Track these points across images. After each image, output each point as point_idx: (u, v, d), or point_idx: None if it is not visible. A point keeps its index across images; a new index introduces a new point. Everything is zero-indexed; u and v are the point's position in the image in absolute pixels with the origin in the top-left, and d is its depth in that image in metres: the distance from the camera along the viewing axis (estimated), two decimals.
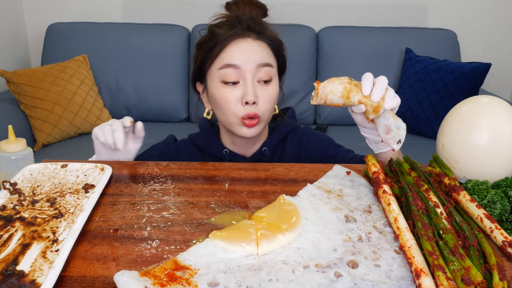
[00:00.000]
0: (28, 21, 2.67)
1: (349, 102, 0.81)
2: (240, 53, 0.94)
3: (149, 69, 2.46)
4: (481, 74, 2.25)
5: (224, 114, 0.97)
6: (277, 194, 0.73)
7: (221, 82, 0.95)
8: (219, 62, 0.95)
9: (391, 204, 0.67)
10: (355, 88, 0.80)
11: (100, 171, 0.82)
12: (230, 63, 0.94)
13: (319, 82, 0.83)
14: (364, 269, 0.57)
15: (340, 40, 2.53)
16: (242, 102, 0.94)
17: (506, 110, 0.76)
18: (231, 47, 0.95)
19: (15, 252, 0.59)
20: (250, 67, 0.94)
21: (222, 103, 0.96)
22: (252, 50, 0.95)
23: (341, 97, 0.80)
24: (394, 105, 0.80)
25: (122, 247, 0.62)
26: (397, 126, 0.81)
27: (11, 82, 2.10)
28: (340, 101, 0.81)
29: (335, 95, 0.81)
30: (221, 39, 0.95)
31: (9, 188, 0.74)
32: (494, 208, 0.69)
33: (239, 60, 0.94)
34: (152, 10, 2.67)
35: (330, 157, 1.06)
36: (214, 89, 0.97)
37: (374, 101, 0.79)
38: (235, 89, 0.94)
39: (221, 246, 0.60)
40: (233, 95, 0.94)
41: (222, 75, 0.94)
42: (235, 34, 0.96)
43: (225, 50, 0.95)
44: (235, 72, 0.94)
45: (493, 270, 0.54)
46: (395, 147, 0.83)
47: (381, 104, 0.79)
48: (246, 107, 0.94)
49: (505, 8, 2.70)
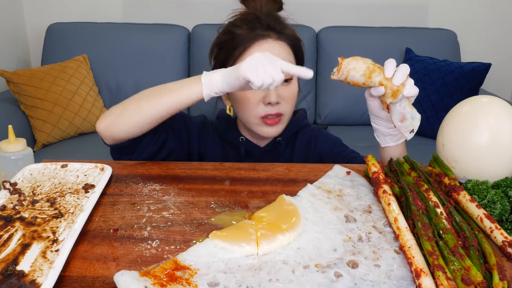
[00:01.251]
0: (28, 21, 2.67)
1: (369, 82, 0.81)
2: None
3: (149, 69, 2.46)
4: (481, 74, 2.25)
5: (244, 113, 0.98)
6: (277, 194, 0.73)
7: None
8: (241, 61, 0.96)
9: (391, 204, 0.67)
10: (378, 69, 0.81)
11: (100, 171, 0.82)
12: None
13: (343, 58, 0.83)
14: (364, 269, 0.57)
15: (340, 40, 2.53)
16: (264, 102, 0.95)
17: (506, 110, 0.76)
18: (253, 49, 0.96)
19: (15, 252, 0.59)
20: None
21: (243, 102, 0.97)
22: (273, 51, 0.94)
23: (363, 75, 0.81)
24: (413, 93, 0.81)
25: (122, 247, 0.62)
26: (412, 116, 0.81)
27: (11, 82, 2.10)
28: (361, 80, 0.81)
29: (358, 73, 0.81)
30: (242, 41, 0.96)
31: (9, 188, 0.74)
32: (494, 208, 0.69)
33: None
34: (152, 10, 2.67)
35: (334, 154, 1.08)
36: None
37: (395, 84, 0.80)
38: (257, 90, 0.93)
39: (221, 246, 0.60)
40: (255, 96, 0.95)
41: None
42: (256, 36, 0.96)
43: (246, 53, 0.96)
44: None
45: (493, 270, 0.54)
46: (408, 136, 0.83)
47: (401, 89, 0.80)
48: (267, 108, 0.95)
49: (505, 8, 2.70)
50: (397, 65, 0.81)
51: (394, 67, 0.81)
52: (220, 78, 0.81)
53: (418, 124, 0.82)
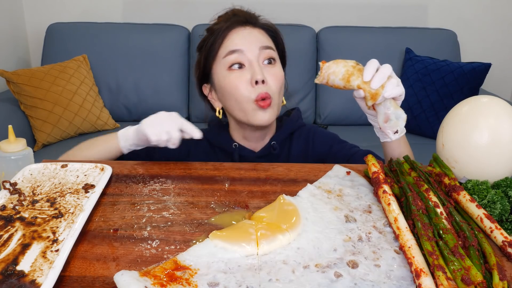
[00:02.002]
0: (28, 21, 2.67)
1: (348, 85, 0.81)
2: (241, 39, 0.97)
3: (149, 69, 2.46)
4: (481, 74, 2.25)
5: (236, 101, 0.97)
6: (277, 194, 0.73)
7: (228, 70, 0.97)
8: (222, 52, 0.98)
9: (391, 204, 0.67)
10: (357, 72, 0.81)
11: (100, 171, 0.82)
12: (234, 49, 0.96)
13: (325, 62, 0.83)
14: (364, 269, 0.57)
15: (340, 40, 2.53)
16: (252, 83, 0.95)
17: (506, 110, 0.76)
18: (232, 35, 0.98)
19: (15, 252, 0.59)
20: (253, 49, 0.97)
21: (232, 89, 0.96)
22: (252, 35, 0.99)
23: (341, 79, 0.81)
24: (394, 95, 0.80)
25: (122, 247, 0.62)
26: (396, 116, 0.81)
27: (11, 82, 2.10)
28: (340, 83, 0.81)
29: (337, 77, 0.81)
30: (221, 31, 0.99)
31: (9, 188, 0.74)
32: (494, 208, 0.69)
33: (241, 45, 0.97)
34: (152, 10, 2.67)
35: (335, 152, 1.07)
36: (222, 79, 0.98)
37: (372, 88, 0.79)
38: (243, 72, 0.96)
39: (221, 246, 0.60)
40: (242, 79, 0.95)
41: (228, 62, 0.97)
42: (234, 23, 0.99)
43: (226, 39, 0.98)
44: (240, 57, 0.96)
45: (493, 270, 0.54)
46: (392, 137, 0.83)
47: (380, 92, 0.79)
48: (256, 88, 0.95)
49: (505, 8, 2.70)
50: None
51: (373, 70, 0.80)
52: (132, 133, 0.92)
53: (403, 124, 0.81)
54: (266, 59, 0.98)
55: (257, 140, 1.06)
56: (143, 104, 2.46)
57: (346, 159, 1.04)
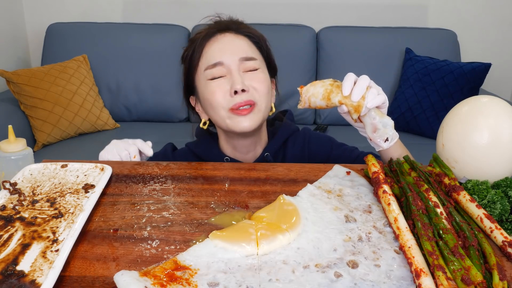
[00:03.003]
0: (28, 21, 2.67)
1: (330, 103, 0.82)
2: (221, 49, 0.94)
3: (149, 69, 2.46)
4: (481, 74, 2.25)
5: (214, 109, 0.94)
6: (277, 194, 0.73)
7: (209, 80, 0.94)
8: (203, 63, 0.95)
9: (391, 204, 0.67)
10: (336, 89, 0.82)
11: (100, 171, 0.82)
12: (214, 62, 0.94)
13: (303, 86, 0.85)
14: (364, 269, 0.57)
15: (340, 40, 2.53)
16: (231, 93, 0.91)
17: (506, 110, 0.76)
18: (212, 45, 0.95)
19: (15, 252, 0.59)
20: (233, 60, 0.93)
21: (211, 98, 0.93)
22: (232, 44, 0.95)
23: (322, 99, 0.82)
24: (376, 104, 0.80)
25: (122, 247, 0.62)
26: (383, 124, 0.81)
27: (11, 82, 2.10)
28: (322, 103, 0.83)
29: (317, 98, 0.83)
30: (199, 41, 0.96)
31: (9, 188, 0.74)
32: (494, 208, 0.69)
33: (221, 57, 0.94)
34: (152, 10, 2.67)
35: (335, 158, 1.04)
36: (203, 89, 0.96)
37: (353, 100, 0.80)
38: (222, 81, 0.93)
39: (221, 246, 0.60)
40: (220, 88, 0.92)
41: (208, 74, 0.94)
42: (213, 31, 0.97)
43: (206, 48, 0.95)
44: (220, 70, 0.94)
45: (493, 270, 0.54)
46: (384, 145, 0.82)
47: (362, 104, 0.80)
48: (235, 98, 0.91)
49: (505, 8, 2.70)
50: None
51: (351, 83, 0.80)
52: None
53: (391, 131, 0.81)
54: (248, 70, 0.95)
55: (248, 151, 1.02)
56: (143, 104, 2.47)
57: (349, 163, 1.02)
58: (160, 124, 2.47)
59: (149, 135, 2.41)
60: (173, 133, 2.25)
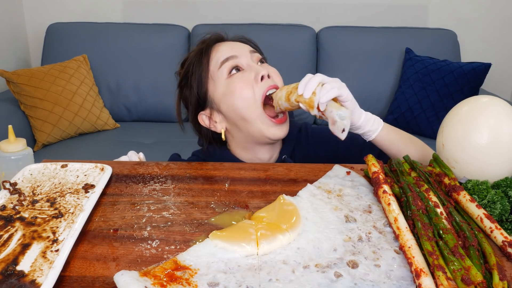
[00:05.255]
0: (28, 21, 2.67)
1: (291, 103, 0.87)
2: (229, 47, 0.97)
3: (149, 69, 2.46)
4: (481, 74, 2.25)
5: (244, 107, 0.92)
6: (277, 194, 0.73)
7: (228, 77, 0.94)
8: (215, 64, 0.96)
9: (391, 204, 0.67)
10: (294, 90, 0.87)
11: (100, 171, 0.82)
12: (227, 56, 0.95)
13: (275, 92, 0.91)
14: (364, 269, 0.57)
15: (340, 40, 2.53)
16: (257, 79, 0.93)
17: (506, 110, 0.76)
18: (218, 48, 0.98)
19: (15, 252, 0.59)
20: (245, 54, 0.97)
21: (239, 91, 0.92)
22: (236, 44, 0.99)
23: (285, 100, 0.88)
24: (328, 98, 0.82)
25: (122, 247, 0.62)
26: (340, 116, 0.82)
27: (11, 82, 2.10)
28: (286, 104, 0.89)
29: (282, 100, 0.89)
30: (203, 50, 0.98)
31: (9, 188, 0.74)
32: (494, 208, 0.69)
33: (232, 51, 0.96)
34: (152, 10, 2.67)
35: (343, 157, 1.04)
36: (224, 89, 0.94)
37: (305, 97, 0.84)
38: (244, 73, 0.94)
39: (221, 246, 0.60)
40: (244, 80, 0.93)
41: (225, 69, 0.95)
42: (211, 41, 1.00)
43: (213, 54, 0.97)
44: (236, 61, 0.95)
45: (493, 270, 0.54)
46: (341, 136, 0.83)
47: (313, 99, 0.83)
48: (263, 83, 0.93)
49: (505, 8, 2.70)
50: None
51: (304, 83, 0.84)
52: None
53: (348, 122, 0.82)
54: (259, 61, 0.98)
55: (267, 154, 1.01)
56: (143, 104, 2.46)
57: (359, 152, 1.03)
58: (160, 124, 2.47)
59: (149, 135, 2.43)
60: (173, 133, 2.25)
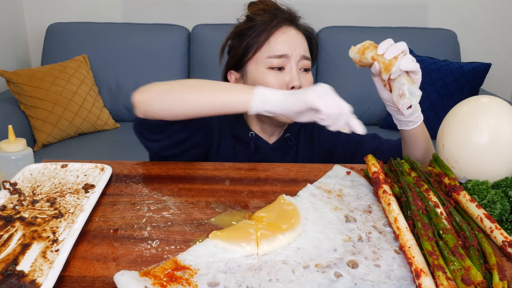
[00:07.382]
0: (28, 21, 2.67)
1: (363, 58, 0.85)
2: (288, 43, 0.98)
3: (149, 69, 2.46)
4: (481, 74, 2.25)
5: None
6: (277, 194, 0.73)
7: (267, 68, 0.97)
8: (267, 51, 0.98)
9: (391, 204, 0.67)
10: (372, 47, 0.85)
11: (100, 171, 0.82)
12: (281, 54, 0.97)
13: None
14: (364, 269, 0.57)
15: (340, 40, 2.52)
16: (288, 86, 0.96)
17: (506, 110, 0.76)
18: (279, 34, 0.99)
19: (15, 252, 0.59)
20: (296, 55, 0.98)
21: (266, 86, 0.92)
22: (297, 40, 1.00)
23: (357, 52, 0.86)
24: (409, 68, 0.80)
25: (122, 247, 0.62)
26: (410, 92, 0.81)
27: (11, 82, 2.10)
28: (356, 57, 0.86)
29: (353, 51, 0.87)
30: (266, 26, 0.99)
31: (9, 188, 0.74)
32: (494, 208, 0.69)
33: (288, 50, 0.97)
34: (152, 10, 2.67)
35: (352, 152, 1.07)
36: (258, 75, 0.98)
37: (386, 58, 0.81)
38: (281, 74, 0.97)
39: (221, 246, 0.60)
40: (278, 80, 0.96)
41: (270, 63, 0.97)
42: (279, 23, 1.00)
43: (273, 37, 0.98)
44: (284, 62, 0.97)
45: (493, 270, 0.54)
46: (405, 112, 0.83)
47: (393, 63, 0.81)
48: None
49: (505, 8, 2.70)
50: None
51: (387, 44, 0.82)
52: (279, 99, 0.77)
53: (417, 100, 0.82)
54: (303, 68, 1.00)
55: (273, 133, 1.07)
56: None
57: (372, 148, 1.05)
58: None
59: None
60: None
